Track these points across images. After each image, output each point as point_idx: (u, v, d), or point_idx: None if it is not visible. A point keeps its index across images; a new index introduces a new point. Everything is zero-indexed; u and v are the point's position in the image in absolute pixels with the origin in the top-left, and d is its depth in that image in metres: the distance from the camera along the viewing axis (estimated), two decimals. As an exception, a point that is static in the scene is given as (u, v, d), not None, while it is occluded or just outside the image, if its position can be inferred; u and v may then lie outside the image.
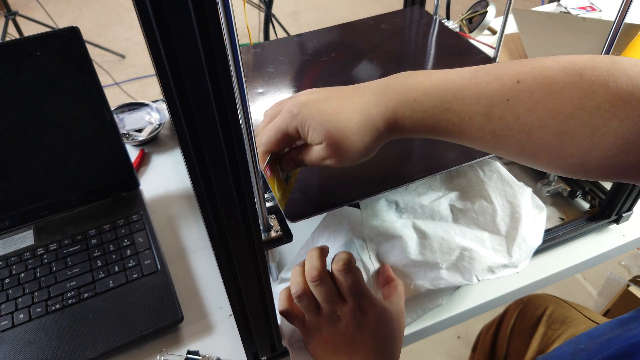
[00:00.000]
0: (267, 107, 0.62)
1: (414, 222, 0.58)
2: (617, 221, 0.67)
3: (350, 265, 0.48)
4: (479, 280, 0.56)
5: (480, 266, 0.56)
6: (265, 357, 0.54)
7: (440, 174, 0.56)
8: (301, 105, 0.44)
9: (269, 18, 0.99)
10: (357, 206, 0.58)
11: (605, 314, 1.18)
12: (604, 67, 0.34)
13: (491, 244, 0.58)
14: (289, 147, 0.48)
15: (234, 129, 0.31)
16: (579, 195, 0.69)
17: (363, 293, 0.49)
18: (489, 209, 0.59)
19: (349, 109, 0.43)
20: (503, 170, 0.61)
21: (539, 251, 0.64)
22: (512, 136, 0.37)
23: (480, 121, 0.38)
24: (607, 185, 0.67)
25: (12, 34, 2.23)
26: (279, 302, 0.51)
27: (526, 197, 0.59)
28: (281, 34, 1.82)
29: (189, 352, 0.56)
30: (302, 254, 0.59)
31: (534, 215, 0.60)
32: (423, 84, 0.41)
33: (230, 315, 0.60)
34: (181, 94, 0.28)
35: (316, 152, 0.44)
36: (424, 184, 0.61)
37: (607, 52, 0.54)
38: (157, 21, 0.24)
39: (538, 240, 0.59)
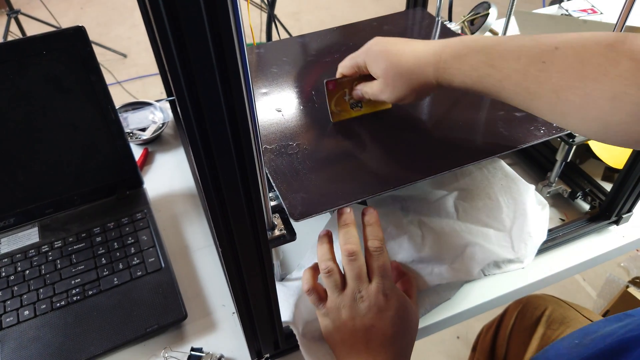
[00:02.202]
0: (271, 106, 0.63)
1: (420, 219, 0.58)
2: (617, 222, 0.68)
3: (384, 245, 0.50)
4: (485, 275, 0.57)
5: (486, 261, 0.57)
6: (268, 354, 0.55)
7: (444, 174, 0.57)
8: (374, 44, 0.54)
9: (271, 19, 1.00)
10: (365, 203, 0.59)
11: (604, 315, 1.19)
12: (634, 42, 0.38)
13: (497, 240, 0.59)
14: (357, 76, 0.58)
15: (242, 129, 0.31)
16: (579, 197, 0.70)
17: (389, 276, 0.50)
18: (494, 206, 0.59)
19: (408, 52, 0.51)
20: (507, 167, 0.61)
21: (539, 251, 0.64)
22: (544, 95, 0.42)
23: (517, 78, 0.44)
24: (607, 186, 0.68)
25: (14, 32, 2.23)
26: (303, 280, 0.52)
27: (530, 193, 0.60)
28: (283, 35, 1.82)
29: (192, 349, 0.56)
30: (310, 256, 0.59)
31: (538, 211, 0.61)
32: (475, 44, 0.47)
33: (234, 312, 0.61)
34: (192, 96, 0.28)
35: (375, 85, 0.54)
36: (430, 183, 0.61)
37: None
38: (171, 26, 0.25)
39: (543, 236, 0.60)
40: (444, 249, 0.56)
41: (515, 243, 0.59)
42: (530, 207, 0.59)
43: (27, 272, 0.63)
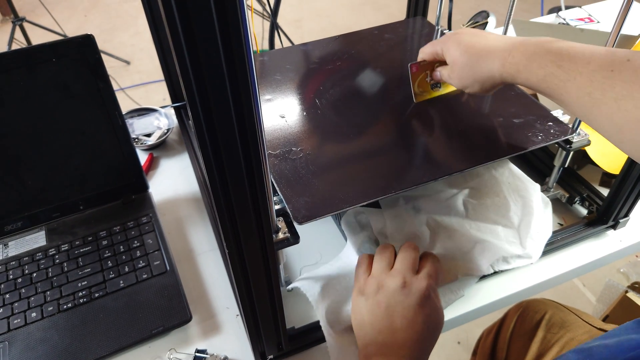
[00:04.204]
0: (275, 112, 0.64)
1: (431, 217, 0.60)
2: (614, 227, 0.69)
3: (438, 258, 0.53)
4: (494, 271, 0.58)
5: (495, 257, 0.59)
6: (272, 356, 0.56)
7: (443, 179, 0.58)
8: (453, 33, 0.58)
9: (274, 27, 1.01)
10: (378, 204, 0.61)
11: (603, 320, 1.20)
12: None
13: (505, 236, 0.61)
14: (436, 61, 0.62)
15: (250, 134, 0.32)
16: (577, 202, 0.71)
17: (436, 280, 0.51)
18: (502, 203, 0.61)
19: (480, 45, 0.54)
20: (514, 167, 0.63)
21: (538, 255, 0.66)
22: (605, 102, 0.42)
23: (582, 82, 0.44)
24: (605, 191, 0.69)
25: (19, 39, 2.26)
26: (358, 259, 0.55)
27: (536, 192, 0.62)
28: (285, 42, 1.84)
29: (197, 351, 0.57)
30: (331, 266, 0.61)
31: (543, 209, 0.63)
32: (549, 44, 0.47)
33: (237, 315, 0.62)
34: (204, 104, 0.30)
35: (447, 69, 0.59)
36: (440, 182, 0.63)
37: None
38: (185, 36, 0.26)
39: (549, 232, 0.62)
40: (454, 247, 0.58)
41: (523, 239, 0.60)
42: (536, 205, 0.61)
43: (35, 274, 0.64)
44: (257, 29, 2.16)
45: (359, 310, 0.51)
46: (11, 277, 0.64)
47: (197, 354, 0.57)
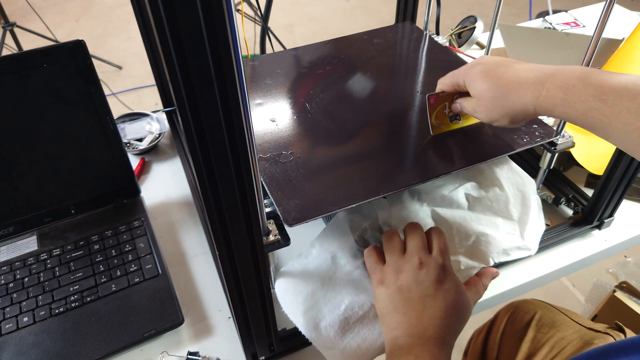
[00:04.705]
0: (266, 116, 0.65)
1: (434, 209, 0.61)
2: (599, 227, 0.70)
3: (442, 230, 0.54)
4: (495, 263, 0.59)
5: (496, 249, 0.60)
6: (263, 357, 0.56)
7: (433, 180, 0.59)
8: (476, 63, 0.54)
9: (265, 31, 1.02)
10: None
11: (592, 319, 1.21)
12: None
13: (505, 228, 0.62)
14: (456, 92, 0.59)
15: (239, 138, 0.33)
16: (563, 202, 0.73)
17: (448, 256, 0.52)
18: (502, 197, 0.62)
19: (509, 76, 0.50)
20: (512, 163, 0.65)
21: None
22: None
23: (629, 117, 0.42)
24: (590, 192, 0.71)
25: (10, 44, 2.25)
26: (365, 251, 0.55)
27: (533, 186, 0.64)
28: (276, 46, 1.85)
29: (189, 353, 0.58)
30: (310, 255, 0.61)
31: (538, 204, 0.64)
32: (586, 76, 0.45)
33: (229, 317, 0.62)
34: (193, 108, 0.30)
35: (471, 102, 0.55)
36: (439, 179, 0.64)
37: (587, 66, 0.58)
38: (174, 41, 0.27)
39: (542, 226, 0.64)
40: (456, 239, 0.59)
41: (522, 231, 0.62)
42: (533, 199, 0.63)
43: (26, 279, 0.65)
44: (248, 34, 2.17)
45: (382, 300, 0.51)
46: (2, 282, 0.64)
47: (190, 357, 0.58)
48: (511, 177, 0.64)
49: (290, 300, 0.55)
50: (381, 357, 0.52)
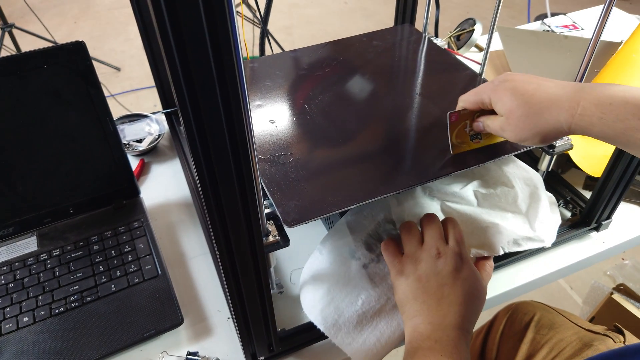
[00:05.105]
0: (265, 118, 0.65)
1: (445, 202, 0.62)
2: (597, 229, 0.71)
3: (456, 220, 0.55)
4: (505, 252, 0.60)
5: (506, 239, 0.60)
6: (262, 357, 0.56)
7: (432, 181, 0.59)
8: (502, 80, 0.51)
9: (264, 33, 1.03)
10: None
11: (590, 321, 1.21)
12: None
13: (514, 221, 0.62)
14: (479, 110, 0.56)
15: (240, 139, 0.33)
16: (562, 204, 0.73)
17: (464, 245, 0.53)
18: (510, 192, 0.63)
19: (540, 94, 0.48)
20: (518, 160, 0.65)
21: (523, 257, 0.67)
22: None
23: None
24: (588, 194, 0.71)
25: (8, 46, 2.25)
26: (382, 244, 0.56)
27: (541, 181, 0.64)
28: (275, 49, 1.86)
29: (189, 353, 0.58)
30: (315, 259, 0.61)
31: (548, 199, 0.65)
32: (623, 93, 0.44)
33: (229, 318, 0.62)
34: (195, 109, 0.31)
35: (498, 121, 0.52)
36: (447, 177, 0.64)
37: (586, 69, 0.58)
38: (177, 44, 0.27)
39: (558, 219, 0.64)
40: (467, 229, 0.60)
41: (532, 223, 0.62)
42: (543, 193, 0.64)
43: (26, 279, 0.65)
44: (247, 36, 2.18)
45: (402, 290, 0.52)
46: (2, 282, 0.64)
47: (189, 357, 0.58)
48: (517, 172, 0.65)
49: (310, 300, 0.56)
50: (401, 347, 0.53)
